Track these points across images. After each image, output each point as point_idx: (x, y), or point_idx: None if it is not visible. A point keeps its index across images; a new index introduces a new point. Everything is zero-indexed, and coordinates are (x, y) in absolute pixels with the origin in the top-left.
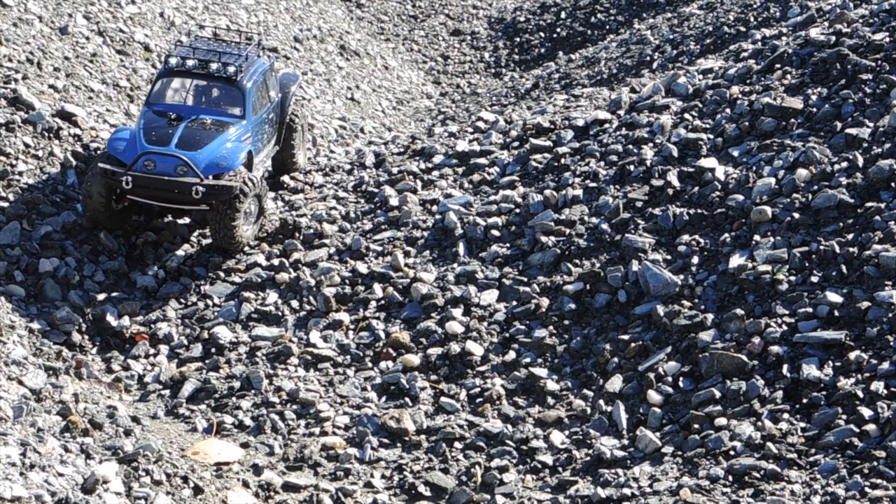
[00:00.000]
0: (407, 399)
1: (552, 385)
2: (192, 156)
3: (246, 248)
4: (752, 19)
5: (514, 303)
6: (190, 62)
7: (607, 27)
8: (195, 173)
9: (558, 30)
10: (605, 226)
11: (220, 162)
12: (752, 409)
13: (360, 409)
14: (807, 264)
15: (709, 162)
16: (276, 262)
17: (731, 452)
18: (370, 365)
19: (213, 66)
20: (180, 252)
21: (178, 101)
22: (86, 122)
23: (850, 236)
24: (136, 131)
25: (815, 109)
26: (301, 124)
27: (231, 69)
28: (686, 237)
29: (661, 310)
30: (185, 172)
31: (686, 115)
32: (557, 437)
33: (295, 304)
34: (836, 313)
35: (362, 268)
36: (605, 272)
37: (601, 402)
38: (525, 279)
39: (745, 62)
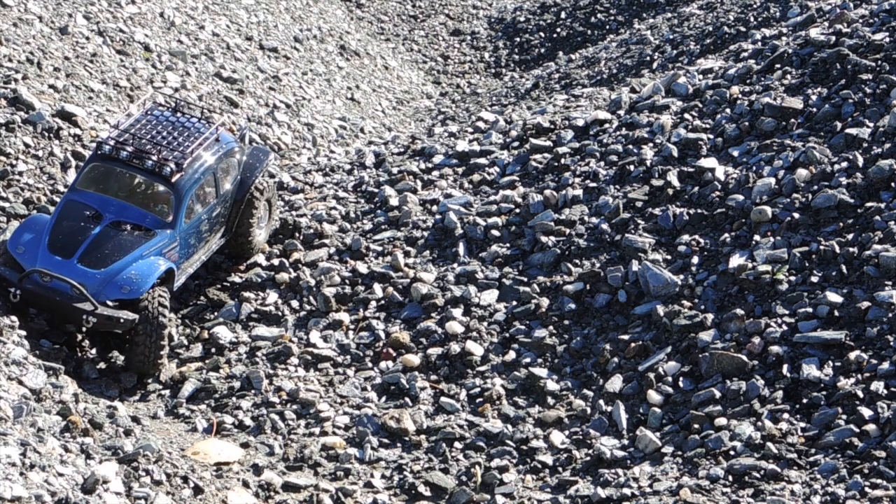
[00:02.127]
0: (407, 399)
1: (552, 385)
2: (90, 277)
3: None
4: (752, 19)
5: (514, 303)
6: (124, 151)
7: (607, 27)
8: (88, 298)
9: (558, 30)
10: (605, 226)
11: (124, 286)
12: (752, 409)
13: (360, 409)
14: (807, 264)
15: (709, 162)
16: (276, 262)
17: (731, 452)
18: (370, 365)
19: (149, 161)
20: None
21: (104, 192)
22: (86, 122)
23: (850, 236)
24: (44, 230)
25: (815, 109)
26: (267, 198)
27: (168, 168)
28: (686, 237)
29: (661, 310)
30: (80, 295)
31: (686, 115)
32: (557, 437)
33: (295, 304)
34: (836, 313)
35: (362, 268)
36: (605, 272)
37: (601, 402)
38: (525, 279)
39: (745, 62)
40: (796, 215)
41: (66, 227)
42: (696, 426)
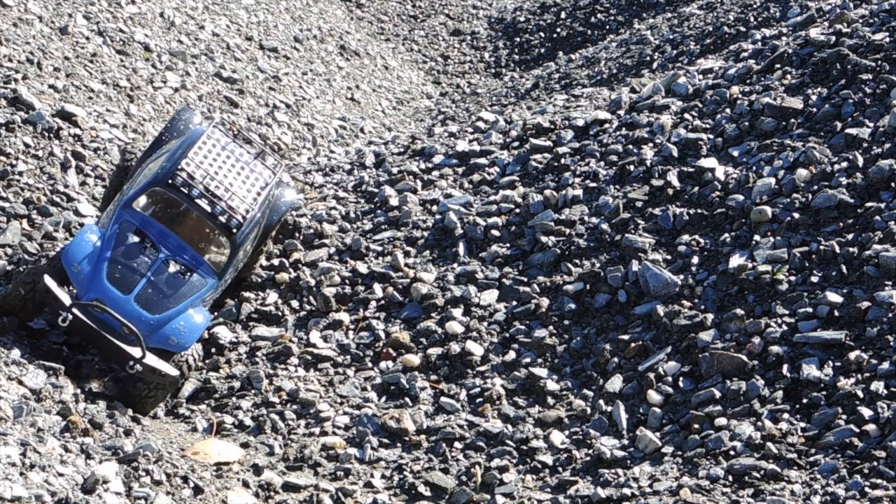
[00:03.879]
0: (407, 399)
1: (552, 385)
2: (144, 321)
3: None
4: (752, 19)
5: (514, 303)
6: (196, 189)
7: (607, 27)
8: (140, 344)
9: (558, 30)
10: (605, 226)
11: (172, 337)
12: (752, 409)
13: (360, 409)
14: (807, 264)
15: (709, 162)
16: (276, 262)
17: (731, 452)
18: (370, 365)
19: (219, 207)
20: None
21: (162, 222)
22: (86, 122)
23: (850, 236)
24: (101, 252)
25: (815, 109)
26: (275, 232)
27: (235, 220)
28: (686, 237)
29: (661, 310)
30: (130, 335)
31: (686, 115)
32: (557, 437)
33: (295, 304)
34: (836, 313)
35: (362, 268)
36: (605, 272)
37: (601, 402)
38: (525, 279)
39: (745, 62)
40: (796, 215)
41: (124, 255)
42: (696, 426)
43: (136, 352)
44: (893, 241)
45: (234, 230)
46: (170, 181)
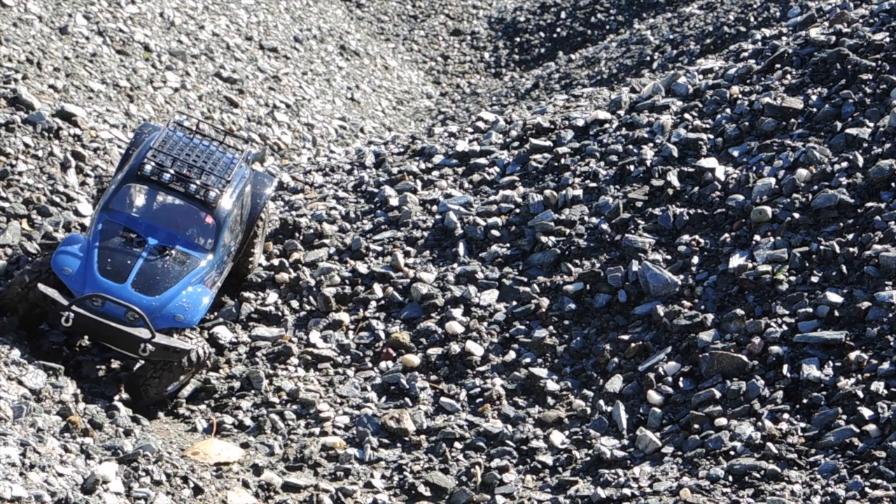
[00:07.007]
0: (407, 399)
1: (552, 385)
2: (147, 303)
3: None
4: (752, 19)
5: (514, 303)
6: (167, 174)
7: (607, 27)
8: (147, 324)
9: (558, 30)
10: (605, 226)
11: (178, 314)
12: (752, 409)
13: (360, 409)
14: (807, 264)
15: (709, 162)
16: (276, 262)
17: (731, 452)
18: (370, 365)
19: (193, 186)
20: None
21: (142, 215)
22: (86, 122)
23: (850, 236)
24: (88, 252)
25: (815, 109)
26: (263, 221)
27: (213, 193)
28: (686, 237)
29: (661, 310)
30: (136, 320)
31: (686, 115)
32: (557, 437)
33: (295, 304)
34: (836, 313)
35: (362, 268)
36: (605, 272)
37: (601, 402)
38: (525, 279)
39: (745, 62)
40: (796, 215)
41: (111, 249)
42: (696, 426)
43: (144, 333)
44: (893, 241)
45: (213, 203)
46: (139, 173)
